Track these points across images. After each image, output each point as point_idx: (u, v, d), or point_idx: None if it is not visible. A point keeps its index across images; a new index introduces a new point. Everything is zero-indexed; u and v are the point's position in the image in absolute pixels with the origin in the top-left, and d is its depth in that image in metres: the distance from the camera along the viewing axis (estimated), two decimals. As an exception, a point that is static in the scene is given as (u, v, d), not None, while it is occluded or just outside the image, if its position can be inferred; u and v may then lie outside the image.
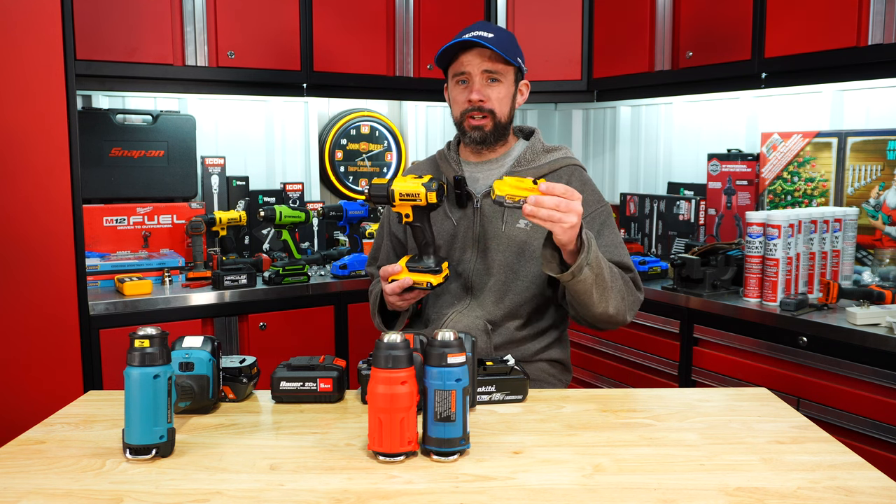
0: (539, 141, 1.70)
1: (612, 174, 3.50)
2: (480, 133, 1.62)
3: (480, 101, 1.59)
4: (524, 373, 1.35)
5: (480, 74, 1.59)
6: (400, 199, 1.47)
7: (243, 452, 1.11)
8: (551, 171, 1.64)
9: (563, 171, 1.65)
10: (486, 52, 1.57)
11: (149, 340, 1.07)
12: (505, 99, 1.61)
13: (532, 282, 1.60)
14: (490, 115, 1.60)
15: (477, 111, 1.60)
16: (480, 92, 1.59)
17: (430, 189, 1.45)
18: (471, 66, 1.59)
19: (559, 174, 1.64)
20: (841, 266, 2.34)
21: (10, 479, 1.02)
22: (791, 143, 2.59)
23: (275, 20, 2.71)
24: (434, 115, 3.50)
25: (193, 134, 2.89)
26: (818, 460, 1.07)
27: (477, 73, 1.58)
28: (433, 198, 1.45)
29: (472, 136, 1.63)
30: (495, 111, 1.60)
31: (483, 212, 1.63)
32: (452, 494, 0.97)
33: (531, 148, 1.67)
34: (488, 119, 1.60)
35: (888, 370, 1.86)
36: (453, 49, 1.59)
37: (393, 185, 1.48)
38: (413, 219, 1.50)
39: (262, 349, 2.51)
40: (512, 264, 1.60)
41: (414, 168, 1.83)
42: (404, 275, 1.50)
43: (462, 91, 1.62)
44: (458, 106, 1.64)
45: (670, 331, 2.46)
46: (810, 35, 2.26)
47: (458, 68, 1.61)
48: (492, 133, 1.62)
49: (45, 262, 2.15)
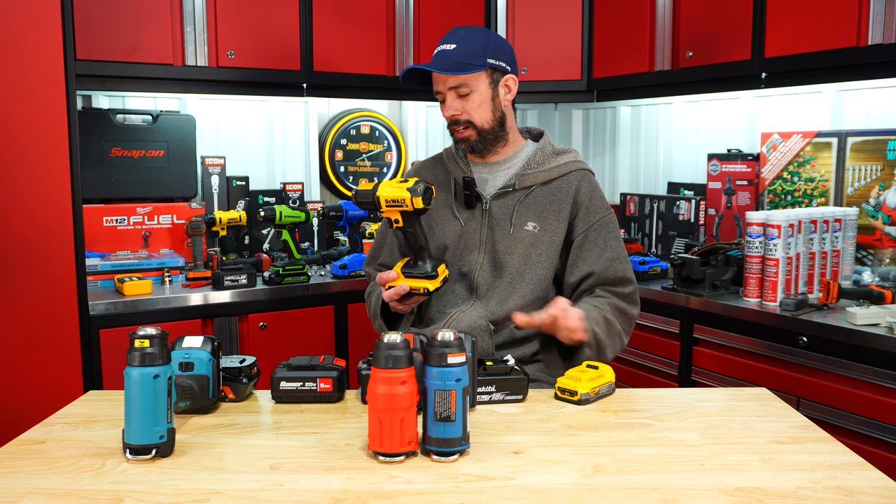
0: (549, 143, 1.71)
1: (612, 174, 3.49)
2: (466, 144, 1.64)
3: (454, 115, 1.61)
4: (524, 373, 1.35)
5: (449, 91, 1.60)
6: (386, 206, 1.44)
7: (243, 452, 1.11)
8: (560, 175, 1.65)
9: (572, 175, 1.66)
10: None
11: (149, 340, 1.07)
12: (482, 106, 1.61)
13: (537, 284, 1.60)
14: (469, 125, 1.61)
15: (455, 125, 1.62)
16: (451, 107, 1.61)
17: (416, 194, 1.41)
18: (438, 84, 1.62)
19: (569, 178, 1.65)
20: (841, 266, 2.34)
21: (10, 479, 1.02)
22: (791, 143, 2.59)
23: (275, 20, 2.71)
24: (434, 115, 3.50)
25: (193, 134, 2.89)
26: (818, 460, 1.07)
27: (445, 89, 1.60)
28: (419, 202, 1.41)
29: (461, 147, 1.67)
30: (473, 121, 1.61)
31: (492, 213, 1.64)
32: (452, 494, 0.97)
33: (541, 150, 1.68)
34: (470, 129, 1.62)
35: (888, 370, 1.86)
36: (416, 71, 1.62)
37: (378, 192, 1.43)
38: (403, 224, 1.46)
39: (262, 349, 2.51)
40: (519, 266, 1.60)
41: (417, 167, 1.83)
42: (400, 281, 1.48)
43: (443, 108, 1.65)
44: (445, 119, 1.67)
45: (670, 331, 2.46)
46: (810, 35, 2.26)
47: (434, 87, 1.64)
48: (478, 141, 1.63)
49: (45, 262, 2.15)
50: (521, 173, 1.64)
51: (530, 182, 1.64)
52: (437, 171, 1.75)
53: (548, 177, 1.64)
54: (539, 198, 1.63)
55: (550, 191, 1.64)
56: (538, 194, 1.64)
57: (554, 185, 1.64)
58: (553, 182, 1.65)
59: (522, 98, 1.72)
